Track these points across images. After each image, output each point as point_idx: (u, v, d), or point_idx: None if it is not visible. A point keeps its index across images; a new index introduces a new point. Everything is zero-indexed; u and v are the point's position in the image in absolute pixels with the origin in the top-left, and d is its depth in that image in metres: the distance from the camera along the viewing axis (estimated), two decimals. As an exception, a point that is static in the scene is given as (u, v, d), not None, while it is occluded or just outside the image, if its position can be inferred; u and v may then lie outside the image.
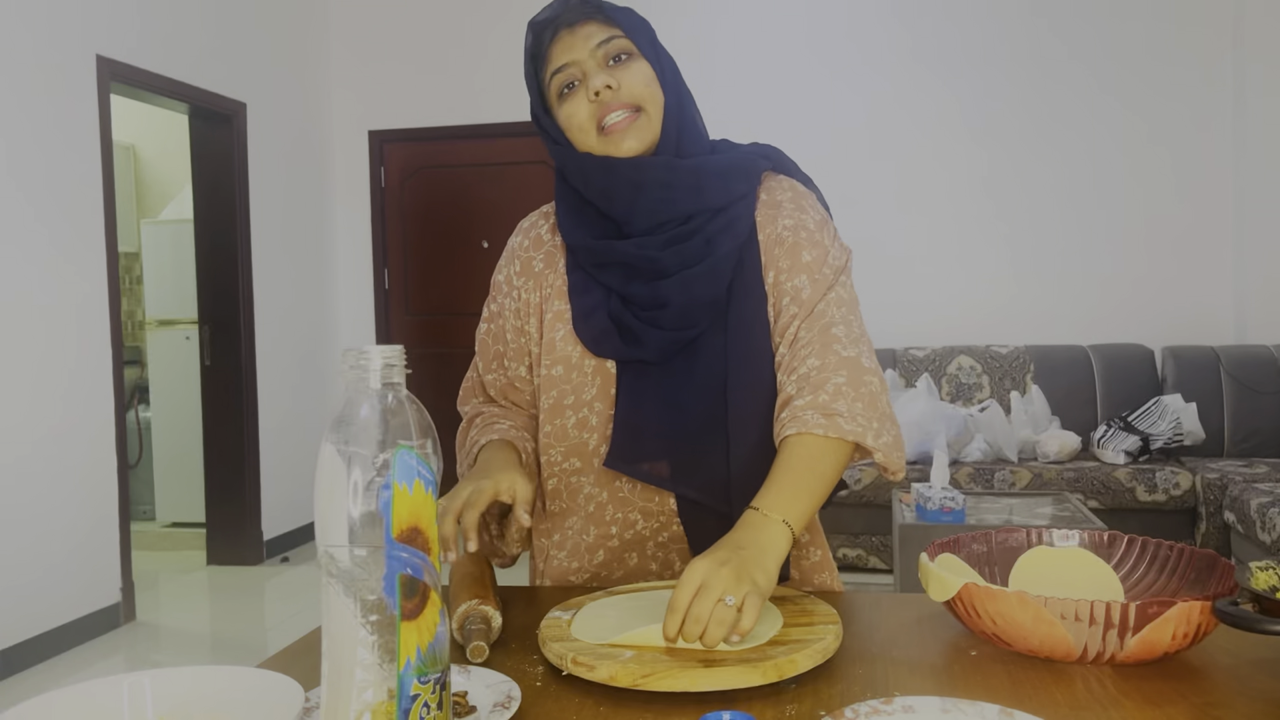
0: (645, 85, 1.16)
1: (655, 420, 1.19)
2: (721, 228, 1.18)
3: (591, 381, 1.23)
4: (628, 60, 1.16)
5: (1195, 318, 5.07)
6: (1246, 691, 0.86)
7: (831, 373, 1.13)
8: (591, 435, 1.23)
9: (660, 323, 1.18)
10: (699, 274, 1.17)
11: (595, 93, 1.14)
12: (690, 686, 0.85)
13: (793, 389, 1.14)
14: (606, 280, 1.21)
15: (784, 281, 1.20)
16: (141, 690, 0.77)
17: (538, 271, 1.28)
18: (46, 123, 3.81)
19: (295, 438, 5.37)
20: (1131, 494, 4.30)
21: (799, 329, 1.18)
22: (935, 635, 1.03)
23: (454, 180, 5.71)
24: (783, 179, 1.28)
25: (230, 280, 4.97)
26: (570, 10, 1.16)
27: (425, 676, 0.68)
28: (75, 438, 3.90)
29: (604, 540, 1.25)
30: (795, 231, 1.21)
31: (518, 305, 1.29)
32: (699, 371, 1.19)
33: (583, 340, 1.22)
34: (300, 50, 5.54)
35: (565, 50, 1.16)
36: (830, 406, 1.10)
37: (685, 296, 1.17)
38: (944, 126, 5.25)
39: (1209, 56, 5.03)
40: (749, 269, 1.20)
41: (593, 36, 1.15)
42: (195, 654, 3.85)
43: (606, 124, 1.16)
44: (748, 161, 1.23)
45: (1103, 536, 1.12)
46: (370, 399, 0.68)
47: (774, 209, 1.23)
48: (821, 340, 1.16)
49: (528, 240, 1.32)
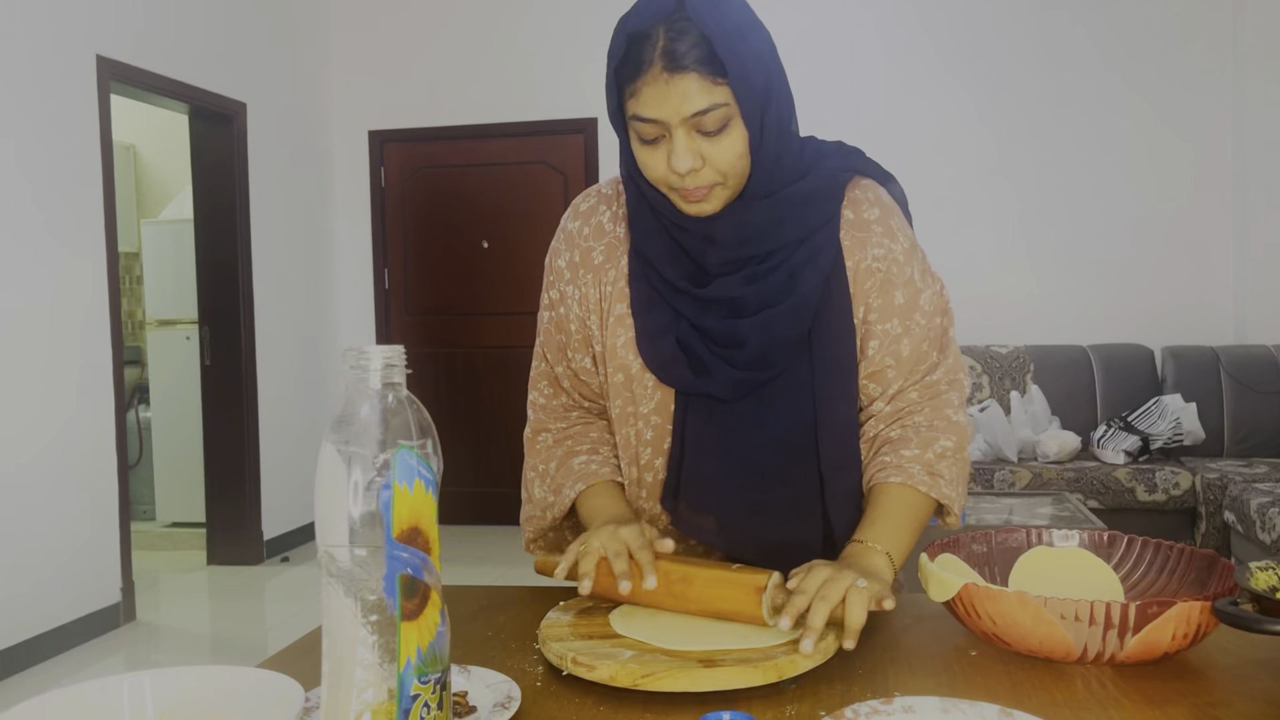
0: (733, 161, 1.03)
1: (720, 472, 1.13)
2: (805, 260, 1.09)
3: (651, 395, 1.17)
4: (723, 132, 1.01)
5: (1195, 318, 5.07)
6: (1246, 691, 0.86)
7: (941, 434, 1.15)
8: (646, 449, 1.19)
9: (735, 362, 1.10)
10: (781, 313, 1.09)
11: (677, 171, 1.02)
12: (690, 686, 0.85)
13: (896, 433, 1.15)
14: (678, 305, 1.12)
15: (874, 323, 1.14)
16: (141, 690, 0.77)
17: (598, 264, 1.19)
18: (47, 123, 3.81)
19: (295, 438, 5.37)
20: (1131, 494, 4.30)
21: (909, 390, 1.16)
22: (935, 635, 1.03)
23: (454, 180, 5.72)
24: (868, 189, 1.16)
25: (230, 280, 4.97)
26: (677, 43, 0.98)
27: (425, 676, 0.68)
28: (75, 438, 3.90)
29: None
30: (886, 264, 1.13)
31: (580, 295, 1.20)
32: (779, 410, 1.12)
33: (647, 364, 1.14)
34: (300, 50, 5.54)
35: (657, 103, 0.99)
36: (934, 467, 1.13)
37: (765, 337, 1.09)
38: (943, 127, 5.24)
39: (1209, 57, 5.03)
40: (836, 304, 1.12)
41: (690, 99, 0.98)
42: (195, 654, 3.85)
43: (682, 193, 1.05)
44: (829, 184, 1.12)
45: (1103, 536, 1.12)
46: (370, 399, 0.68)
47: (862, 232, 1.14)
48: (933, 404, 1.16)
49: (587, 228, 1.21)
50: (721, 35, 0.97)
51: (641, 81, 1.00)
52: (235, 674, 0.79)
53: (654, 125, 1.01)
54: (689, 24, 0.98)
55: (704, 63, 0.97)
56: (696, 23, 0.97)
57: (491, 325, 5.70)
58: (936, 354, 1.17)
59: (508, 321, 5.67)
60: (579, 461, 1.23)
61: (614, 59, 1.03)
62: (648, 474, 1.20)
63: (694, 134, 1.01)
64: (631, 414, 1.19)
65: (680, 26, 0.98)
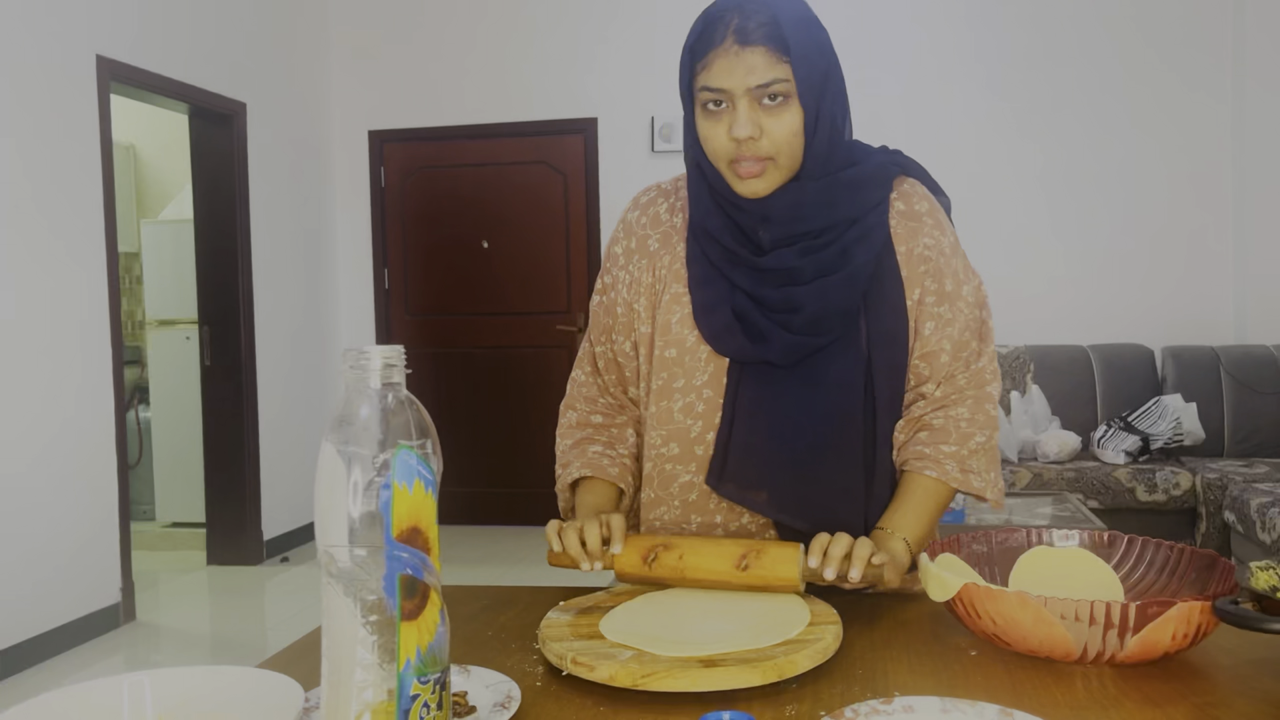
0: (789, 138, 1.12)
1: (771, 438, 1.18)
2: (857, 238, 1.17)
3: (705, 367, 1.22)
4: (782, 106, 1.11)
5: (1195, 318, 5.07)
6: (1246, 691, 0.86)
7: (978, 429, 1.20)
8: (696, 422, 1.22)
9: (791, 326, 1.17)
10: (836, 282, 1.16)
11: (737, 138, 1.11)
12: (690, 686, 0.85)
13: (939, 422, 1.20)
14: (736, 279, 1.19)
15: (930, 305, 1.21)
16: (141, 690, 0.77)
17: (653, 251, 1.27)
18: (47, 123, 3.81)
19: (295, 438, 5.37)
20: (1131, 494, 4.30)
21: (958, 375, 1.22)
22: (935, 635, 1.03)
23: (454, 180, 5.72)
24: (917, 185, 1.25)
25: (230, 280, 4.98)
26: (749, 20, 1.09)
27: (425, 676, 0.68)
28: (75, 438, 3.90)
29: (709, 529, 1.24)
30: (936, 254, 1.21)
31: (631, 280, 1.28)
32: (831, 379, 1.18)
33: (704, 335, 1.20)
34: (300, 50, 5.54)
35: (725, 73, 1.10)
36: (967, 463, 1.19)
37: (820, 304, 1.15)
38: (943, 127, 5.24)
39: (1209, 57, 5.03)
40: (889, 282, 1.19)
41: (756, 72, 1.09)
42: (195, 654, 3.84)
43: (738, 167, 1.14)
44: (880, 173, 1.20)
45: (1103, 536, 1.12)
46: (370, 399, 0.68)
47: (914, 221, 1.22)
48: (977, 396, 1.22)
49: (645, 218, 1.30)
50: (789, 19, 1.10)
51: (714, 54, 1.10)
52: (235, 674, 0.79)
53: (720, 94, 1.11)
54: (762, 5, 1.10)
55: (771, 40, 1.09)
56: (769, 4, 1.10)
57: (491, 325, 5.70)
58: (977, 343, 1.24)
59: (508, 321, 5.67)
60: (594, 450, 1.30)
61: (691, 37, 1.14)
62: (698, 447, 1.23)
63: (755, 106, 1.11)
64: (680, 388, 1.23)
65: (753, 8, 1.10)
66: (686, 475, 1.23)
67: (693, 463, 1.23)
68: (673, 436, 1.23)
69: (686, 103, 1.17)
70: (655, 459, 1.25)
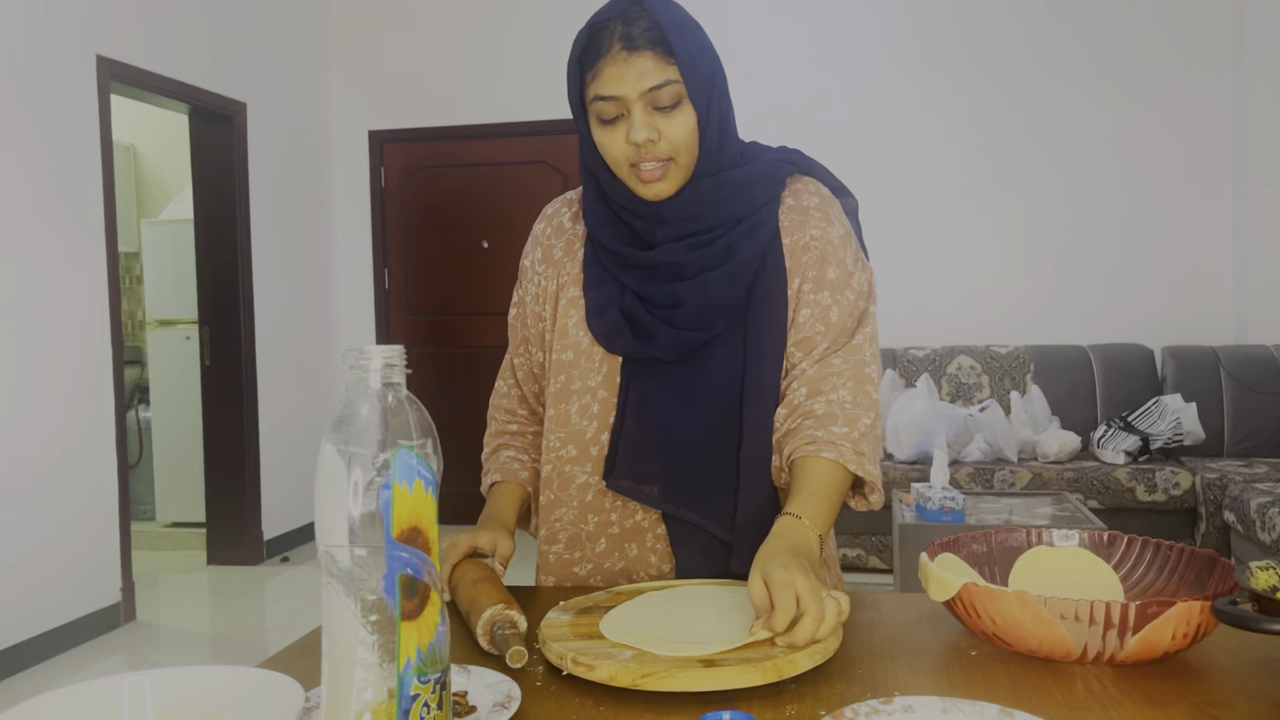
0: (685, 137, 1.14)
1: (658, 431, 1.20)
2: (744, 234, 1.19)
3: (598, 369, 1.25)
4: (675, 109, 1.13)
5: (1195, 318, 5.07)
6: (1246, 691, 0.86)
7: (864, 412, 1.19)
8: (592, 423, 1.25)
9: (676, 322, 1.19)
10: (719, 276, 1.18)
11: (635, 142, 1.13)
12: (690, 686, 0.85)
13: (821, 409, 1.17)
14: (625, 279, 1.22)
15: (808, 293, 1.22)
16: (141, 690, 0.77)
17: (557, 259, 1.31)
18: (47, 123, 3.81)
19: (295, 438, 5.37)
20: (1131, 494, 4.30)
21: (832, 356, 1.20)
22: (935, 635, 1.03)
23: (454, 180, 5.72)
24: (810, 182, 1.27)
25: (230, 280, 4.98)
26: (632, 26, 1.12)
27: (425, 676, 0.68)
28: (75, 438, 3.90)
29: (605, 528, 1.26)
30: (822, 244, 1.22)
31: (537, 291, 1.32)
32: (715, 370, 1.20)
33: (595, 335, 1.24)
34: (300, 50, 5.54)
35: (615, 80, 1.12)
36: (859, 446, 1.16)
37: (703, 298, 1.18)
38: (943, 125, 5.24)
39: (1209, 56, 5.03)
40: (771, 274, 1.21)
41: (647, 76, 1.11)
42: (195, 654, 3.85)
43: (640, 171, 1.16)
44: (772, 168, 1.23)
45: (1103, 536, 1.12)
46: (370, 399, 0.68)
47: (801, 215, 1.24)
48: (856, 378, 1.20)
49: (550, 228, 1.35)
50: (670, 23, 1.12)
51: (602, 63, 1.13)
52: (235, 674, 0.79)
53: (614, 103, 1.13)
54: (643, 11, 1.12)
55: (657, 44, 1.11)
56: (649, 10, 1.12)
57: (492, 325, 5.69)
58: (855, 326, 1.24)
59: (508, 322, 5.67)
60: (506, 455, 1.36)
61: (576, 49, 1.17)
62: (593, 447, 1.25)
63: (650, 110, 1.13)
64: (577, 390, 1.25)
65: (635, 14, 1.12)
66: (583, 476, 1.26)
67: (589, 463, 1.25)
68: (570, 438, 1.26)
69: (579, 115, 1.19)
70: (555, 461, 1.27)
